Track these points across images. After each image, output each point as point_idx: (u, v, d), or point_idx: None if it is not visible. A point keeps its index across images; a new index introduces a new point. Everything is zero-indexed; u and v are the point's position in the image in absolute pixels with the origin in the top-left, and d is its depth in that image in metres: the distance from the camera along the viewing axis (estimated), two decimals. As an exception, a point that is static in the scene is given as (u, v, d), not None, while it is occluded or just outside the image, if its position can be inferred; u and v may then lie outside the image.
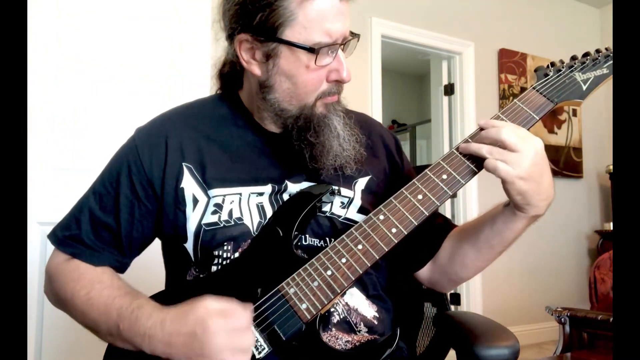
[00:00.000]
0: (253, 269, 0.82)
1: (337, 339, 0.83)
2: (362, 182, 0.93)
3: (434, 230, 0.95)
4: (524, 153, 0.75)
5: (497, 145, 0.76)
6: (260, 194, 0.87)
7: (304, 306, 0.77)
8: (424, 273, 0.97)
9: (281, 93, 0.85)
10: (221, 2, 0.86)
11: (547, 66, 0.90)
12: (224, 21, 0.87)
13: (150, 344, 0.74)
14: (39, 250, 1.63)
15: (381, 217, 0.80)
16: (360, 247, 0.79)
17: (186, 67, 1.94)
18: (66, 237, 0.90)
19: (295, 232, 0.83)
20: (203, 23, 1.96)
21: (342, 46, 0.83)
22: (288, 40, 0.80)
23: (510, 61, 3.72)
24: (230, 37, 0.86)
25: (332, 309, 0.83)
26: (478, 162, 0.80)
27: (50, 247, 0.92)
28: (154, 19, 1.92)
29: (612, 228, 3.09)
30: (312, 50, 0.80)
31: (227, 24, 0.86)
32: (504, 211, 0.83)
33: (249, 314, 0.74)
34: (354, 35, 0.85)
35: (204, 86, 1.93)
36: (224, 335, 0.70)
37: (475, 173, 0.81)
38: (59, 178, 1.72)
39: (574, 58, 0.90)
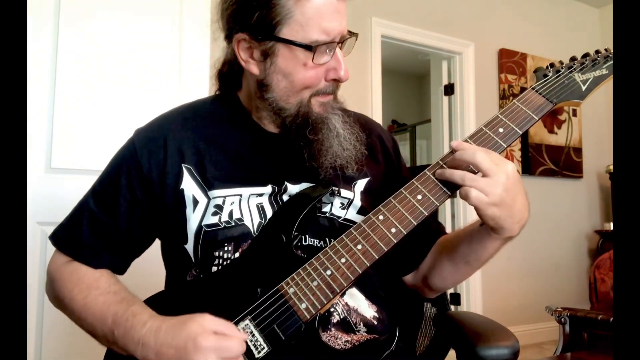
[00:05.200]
0: (253, 268, 0.82)
1: (337, 339, 0.83)
2: (361, 184, 0.93)
3: (425, 237, 0.95)
4: (495, 178, 0.74)
5: (470, 169, 0.76)
6: (260, 195, 0.87)
7: (303, 306, 0.77)
8: (408, 279, 0.99)
9: (278, 92, 0.85)
10: (219, 1, 0.87)
11: (547, 67, 0.90)
12: (222, 21, 0.87)
13: (142, 351, 0.74)
14: (38, 250, 1.63)
15: (380, 217, 0.79)
16: (359, 247, 0.78)
17: (186, 67, 1.94)
18: (66, 238, 0.90)
19: (295, 233, 0.83)
20: (203, 23, 1.96)
21: (339, 45, 0.83)
22: (285, 38, 0.80)
23: (510, 61, 3.72)
24: (229, 37, 0.86)
25: (331, 309, 0.83)
26: None
27: (50, 248, 0.92)
28: (154, 19, 1.92)
29: (612, 228, 3.09)
30: (310, 47, 0.80)
31: (225, 23, 0.86)
32: (480, 230, 0.83)
33: (243, 343, 0.72)
34: (352, 34, 0.85)
35: (204, 87, 1.93)
36: (214, 356, 0.69)
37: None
38: (58, 178, 1.72)
39: (573, 59, 0.90)
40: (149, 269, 1.06)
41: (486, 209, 0.75)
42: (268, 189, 0.87)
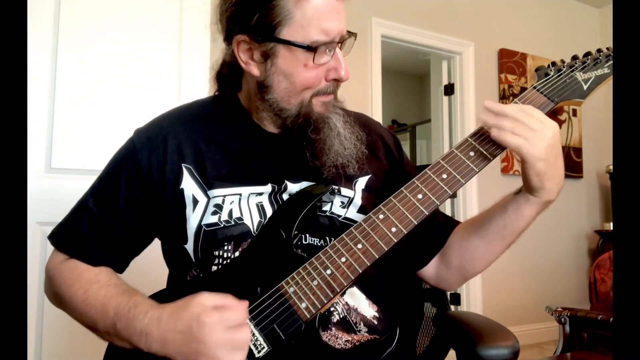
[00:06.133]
0: (253, 268, 0.82)
1: (337, 339, 0.83)
2: (362, 182, 0.93)
3: (438, 227, 0.95)
4: (543, 133, 0.76)
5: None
6: (260, 194, 0.87)
7: (303, 305, 0.77)
8: (430, 271, 0.97)
9: (279, 93, 0.85)
10: (219, 3, 0.87)
11: (548, 66, 0.90)
12: (221, 23, 0.87)
13: (146, 342, 0.74)
14: (38, 250, 1.63)
15: (381, 216, 0.79)
16: (359, 246, 0.79)
17: (186, 68, 1.94)
18: (65, 238, 0.90)
19: (296, 232, 0.83)
20: (203, 24, 1.96)
21: (339, 45, 0.83)
22: (286, 39, 0.80)
23: (510, 61, 3.72)
24: (228, 39, 0.86)
25: (332, 309, 0.83)
26: (478, 162, 0.80)
27: (50, 247, 0.92)
28: (154, 19, 1.92)
29: (612, 228, 3.09)
30: (310, 48, 0.80)
31: (225, 25, 0.86)
32: (515, 198, 0.84)
33: (245, 310, 0.73)
34: (351, 34, 0.85)
35: (203, 87, 1.93)
36: (220, 331, 0.70)
37: (475, 173, 0.81)
38: (58, 178, 1.72)
39: (575, 58, 0.90)
40: (149, 268, 1.06)
41: (535, 163, 0.76)
42: (268, 188, 0.87)
